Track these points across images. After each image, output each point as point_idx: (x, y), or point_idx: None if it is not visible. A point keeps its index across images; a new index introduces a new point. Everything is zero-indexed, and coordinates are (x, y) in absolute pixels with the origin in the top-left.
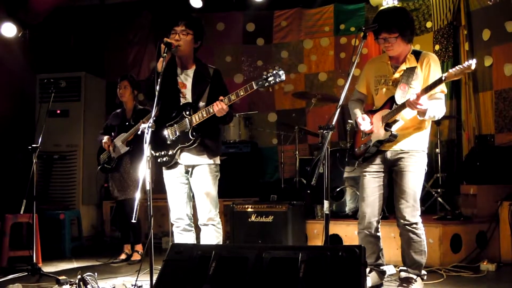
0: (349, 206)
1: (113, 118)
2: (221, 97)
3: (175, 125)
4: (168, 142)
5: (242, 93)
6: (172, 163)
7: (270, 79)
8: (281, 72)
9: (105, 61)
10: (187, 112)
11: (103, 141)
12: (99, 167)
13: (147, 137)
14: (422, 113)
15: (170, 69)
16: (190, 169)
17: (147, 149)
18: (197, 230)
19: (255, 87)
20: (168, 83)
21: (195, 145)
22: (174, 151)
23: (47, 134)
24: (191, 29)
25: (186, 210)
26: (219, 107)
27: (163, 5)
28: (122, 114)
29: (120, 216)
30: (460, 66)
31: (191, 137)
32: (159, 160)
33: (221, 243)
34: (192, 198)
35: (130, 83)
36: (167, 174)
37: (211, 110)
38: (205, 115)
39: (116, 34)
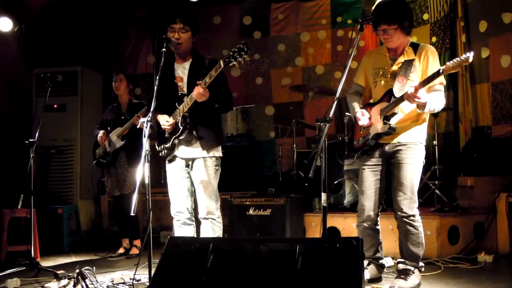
0: (347, 199)
1: (108, 112)
2: (198, 82)
3: (170, 117)
4: (166, 135)
5: (213, 73)
6: (171, 156)
7: (235, 54)
8: (245, 47)
9: (102, 56)
10: (178, 103)
11: (99, 135)
12: (94, 162)
13: (146, 131)
14: (422, 106)
15: (167, 65)
16: (190, 163)
17: (146, 143)
18: (198, 224)
19: (223, 65)
20: (166, 78)
21: (184, 135)
22: (170, 143)
23: (44, 128)
24: (188, 25)
25: (186, 203)
26: (197, 91)
27: None
28: (117, 108)
29: (117, 211)
30: (458, 58)
31: (180, 126)
32: (160, 154)
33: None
34: (194, 192)
35: (126, 76)
36: (169, 167)
37: (190, 101)
38: (189, 102)
39: (113, 28)
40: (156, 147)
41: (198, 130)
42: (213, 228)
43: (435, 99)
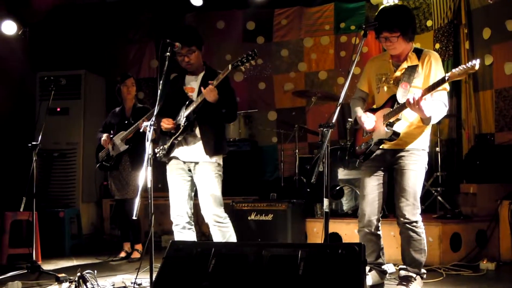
0: (348, 205)
1: (112, 116)
2: (210, 81)
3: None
4: (167, 137)
5: (221, 76)
6: (166, 158)
7: (243, 59)
8: (253, 53)
9: (105, 59)
10: (186, 106)
11: (102, 138)
12: (97, 165)
13: (149, 135)
14: (427, 119)
15: (179, 78)
16: (192, 166)
17: (149, 147)
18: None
19: (230, 68)
20: (177, 90)
21: (184, 134)
22: (169, 143)
23: (47, 132)
24: (193, 44)
25: (185, 207)
26: (207, 88)
27: (163, 4)
28: (121, 112)
29: (119, 214)
30: (464, 66)
31: (181, 126)
32: (157, 155)
33: (231, 239)
34: (194, 196)
35: (135, 80)
36: (169, 170)
37: (200, 99)
38: (198, 100)
39: (116, 32)
40: (155, 149)
41: (203, 132)
42: (222, 232)
43: (436, 109)
